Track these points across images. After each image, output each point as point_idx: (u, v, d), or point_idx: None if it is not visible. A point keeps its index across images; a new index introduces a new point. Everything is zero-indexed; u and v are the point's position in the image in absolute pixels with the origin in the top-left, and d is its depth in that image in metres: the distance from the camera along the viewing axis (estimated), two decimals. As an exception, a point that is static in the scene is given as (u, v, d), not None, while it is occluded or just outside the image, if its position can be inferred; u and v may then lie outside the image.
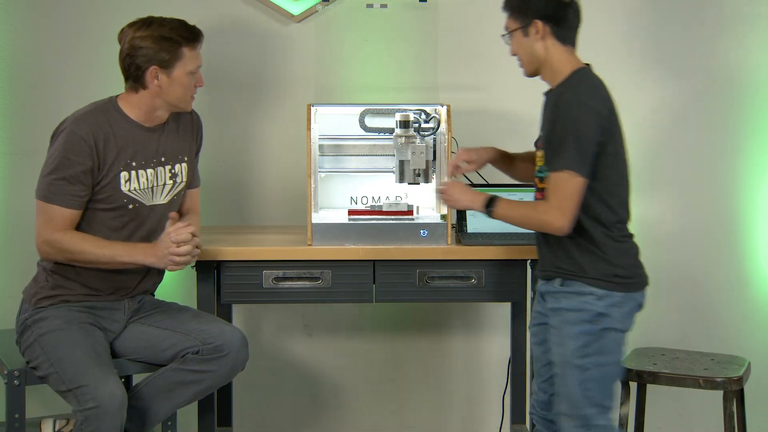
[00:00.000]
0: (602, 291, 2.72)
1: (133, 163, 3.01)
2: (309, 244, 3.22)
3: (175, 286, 3.63)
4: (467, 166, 3.11)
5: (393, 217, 3.27)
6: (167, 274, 3.24)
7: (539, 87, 2.87)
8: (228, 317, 3.56)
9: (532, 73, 2.85)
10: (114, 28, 3.06)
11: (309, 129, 3.23)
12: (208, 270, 3.23)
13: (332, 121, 3.47)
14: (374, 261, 3.21)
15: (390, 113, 3.42)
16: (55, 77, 3.72)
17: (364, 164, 3.47)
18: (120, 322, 3.07)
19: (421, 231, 3.24)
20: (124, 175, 2.99)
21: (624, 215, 2.79)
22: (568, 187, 2.67)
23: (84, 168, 2.92)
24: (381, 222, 3.26)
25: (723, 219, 3.79)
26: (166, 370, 2.97)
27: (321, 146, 3.42)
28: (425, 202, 3.46)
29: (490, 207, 2.85)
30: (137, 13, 3.06)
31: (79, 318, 2.96)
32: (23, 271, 3.22)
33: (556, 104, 2.72)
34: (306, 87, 3.75)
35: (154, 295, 3.23)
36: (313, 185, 3.26)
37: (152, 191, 3.05)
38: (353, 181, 3.51)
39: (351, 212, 3.31)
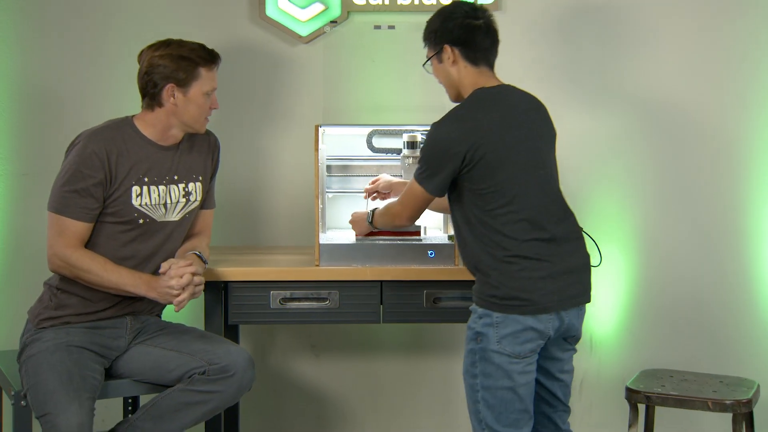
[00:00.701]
0: (482, 310, 2.74)
1: (146, 179, 3.02)
2: (316, 265, 3.22)
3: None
4: (374, 186, 3.36)
5: (400, 237, 3.27)
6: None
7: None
8: (235, 338, 3.55)
9: (454, 98, 2.89)
10: (126, 51, 3.09)
11: (316, 149, 3.24)
12: (216, 291, 3.23)
13: (340, 142, 3.48)
14: (381, 282, 3.21)
15: (397, 134, 3.43)
16: (68, 100, 3.73)
17: (372, 185, 3.47)
18: (122, 339, 3.06)
19: (429, 252, 3.23)
20: (135, 189, 3.00)
21: (516, 235, 2.70)
22: (410, 191, 2.84)
23: (95, 181, 2.93)
24: (388, 243, 3.26)
25: (731, 239, 3.77)
26: (173, 391, 2.96)
27: (329, 167, 3.43)
28: (432, 223, 3.46)
29: (371, 222, 3.13)
30: (147, 35, 3.08)
31: (72, 340, 2.94)
32: (32, 291, 3.21)
33: None
34: (314, 107, 3.76)
35: (160, 317, 3.23)
36: (320, 206, 3.26)
37: (165, 207, 3.06)
38: (361, 202, 3.51)
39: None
